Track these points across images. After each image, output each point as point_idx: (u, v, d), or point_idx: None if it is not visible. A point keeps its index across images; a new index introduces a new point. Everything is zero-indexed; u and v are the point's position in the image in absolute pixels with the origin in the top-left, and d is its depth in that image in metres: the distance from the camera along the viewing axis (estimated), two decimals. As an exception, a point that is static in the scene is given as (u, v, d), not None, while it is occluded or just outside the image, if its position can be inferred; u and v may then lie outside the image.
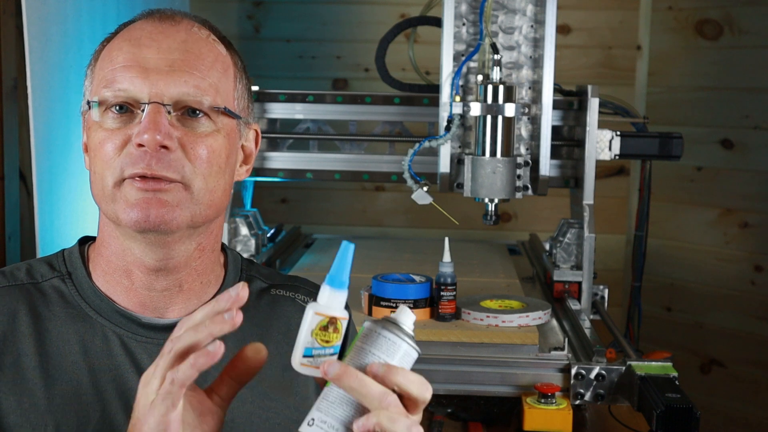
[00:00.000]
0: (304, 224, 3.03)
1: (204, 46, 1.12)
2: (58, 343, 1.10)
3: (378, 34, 2.42)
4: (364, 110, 2.36)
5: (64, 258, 1.17)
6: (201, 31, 1.13)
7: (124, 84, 1.07)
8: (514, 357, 1.77)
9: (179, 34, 1.11)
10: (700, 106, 2.99)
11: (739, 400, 2.90)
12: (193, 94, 1.08)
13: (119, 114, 1.08)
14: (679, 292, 3.05)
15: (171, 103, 1.07)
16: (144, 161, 1.05)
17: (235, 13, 3.23)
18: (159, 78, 1.07)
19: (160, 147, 1.05)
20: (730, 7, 2.89)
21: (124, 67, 1.08)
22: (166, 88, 1.07)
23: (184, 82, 1.08)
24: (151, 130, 1.05)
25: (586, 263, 2.09)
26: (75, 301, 1.13)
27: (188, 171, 1.07)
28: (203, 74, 1.10)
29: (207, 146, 1.09)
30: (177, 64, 1.08)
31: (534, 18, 2.12)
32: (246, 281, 1.22)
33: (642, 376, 1.63)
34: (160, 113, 1.06)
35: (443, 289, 1.84)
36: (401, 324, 0.97)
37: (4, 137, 2.12)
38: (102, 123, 1.09)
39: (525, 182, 2.14)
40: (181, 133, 1.07)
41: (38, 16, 1.84)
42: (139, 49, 1.09)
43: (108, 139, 1.08)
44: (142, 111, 1.07)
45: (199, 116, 1.09)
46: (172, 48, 1.09)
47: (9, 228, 2.14)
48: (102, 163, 1.08)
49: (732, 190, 2.92)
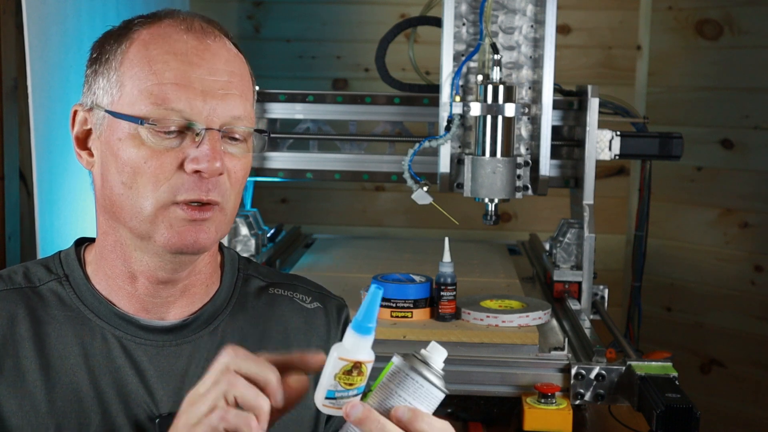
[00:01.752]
0: (304, 224, 3.03)
1: (240, 65, 1.12)
2: (57, 346, 1.09)
3: (378, 34, 2.42)
4: (364, 110, 2.36)
5: (61, 260, 1.16)
6: (232, 46, 1.13)
7: (180, 105, 1.04)
8: (514, 357, 1.77)
9: (222, 52, 1.09)
10: (700, 106, 2.99)
11: (739, 400, 2.90)
12: (240, 117, 1.08)
13: (167, 135, 1.05)
14: (679, 292, 3.05)
15: (221, 127, 1.07)
16: (201, 188, 1.05)
17: (235, 13, 3.23)
18: (216, 102, 1.06)
19: (218, 174, 1.06)
20: (730, 7, 2.89)
21: (176, 86, 1.05)
22: (222, 112, 1.06)
23: (234, 107, 1.07)
24: (212, 159, 1.04)
25: (586, 263, 2.09)
26: (73, 304, 1.12)
27: (227, 193, 1.08)
28: (246, 96, 1.10)
29: (242, 167, 1.10)
30: (227, 86, 1.07)
31: (534, 18, 2.12)
32: (244, 280, 1.22)
33: (642, 376, 1.63)
34: (219, 141, 1.06)
35: (443, 289, 1.83)
36: (431, 364, 0.94)
37: (4, 137, 2.12)
38: (146, 139, 1.05)
39: (525, 182, 2.14)
40: (227, 158, 1.08)
41: (38, 15, 1.84)
42: (191, 68, 1.06)
43: (155, 158, 1.05)
44: (196, 134, 1.05)
45: (239, 140, 1.09)
46: (221, 69, 1.08)
47: (9, 228, 2.14)
48: (146, 181, 1.05)
49: (732, 190, 2.92)
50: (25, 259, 2.24)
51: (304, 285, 1.28)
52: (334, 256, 2.49)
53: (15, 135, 2.15)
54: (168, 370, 1.11)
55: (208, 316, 1.16)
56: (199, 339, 1.14)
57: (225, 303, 1.18)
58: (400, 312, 1.83)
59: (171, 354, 1.12)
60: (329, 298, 1.28)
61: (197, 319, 1.14)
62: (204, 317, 1.15)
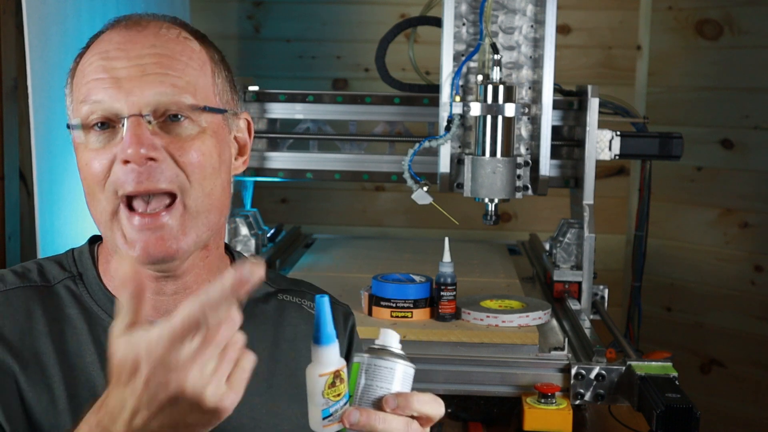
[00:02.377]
0: (304, 224, 3.03)
1: (175, 45, 1.09)
2: (74, 344, 1.09)
3: (378, 34, 2.42)
4: (364, 110, 2.36)
5: (74, 258, 1.16)
6: (170, 31, 1.10)
7: (99, 95, 1.05)
8: (514, 357, 1.77)
9: (147, 39, 1.07)
10: (700, 106, 2.99)
11: (739, 400, 2.90)
12: (171, 94, 1.05)
13: (101, 131, 1.05)
14: (679, 292, 3.05)
15: (150, 110, 1.04)
16: (133, 177, 1.03)
17: (235, 13, 3.23)
18: (133, 85, 1.04)
19: (147, 160, 1.02)
20: (730, 7, 2.89)
21: (95, 80, 1.05)
22: (141, 94, 1.04)
23: (159, 83, 1.05)
24: (134, 144, 1.02)
25: (586, 263, 2.09)
26: (86, 303, 1.12)
27: (182, 180, 1.05)
28: (178, 73, 1.06)
29: (196, 150, 1.06)
30: (149, 67, 1.05)
31: (534, 18, 2.12)
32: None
33: (642, 376, 1.63)
34: (141, 125, 1.03)
35: (443, 289, 1.84)
36: (389, 348, 0.98)
37: (4, 137, 2.12)
38: (87, 143, 1.06)
39: (525, 182, 2.14)
40: (167, 141, 1.04)
41: (38, 15, 1.84)
42: (109, 62, 1.06)
43: (94, 159, 1.05)
44: (122, 126, 1.04)
45: (182, 120, 1.06)
46: (142, 54, 1.06)
47: (9, 228, 2.14)
48: (93, 184, 1.06)
49: (732, 190, 2.92)
50: (25, 259, 2.24)
51: (311, 291, 1.28)
52: (334, 256, 2.49)
53: (15, 135, 2.15)
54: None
55: None
56: None
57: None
58: (400, 312, 1.83)
59: None
60: (336, 305, 1.28)
61: None
62: None
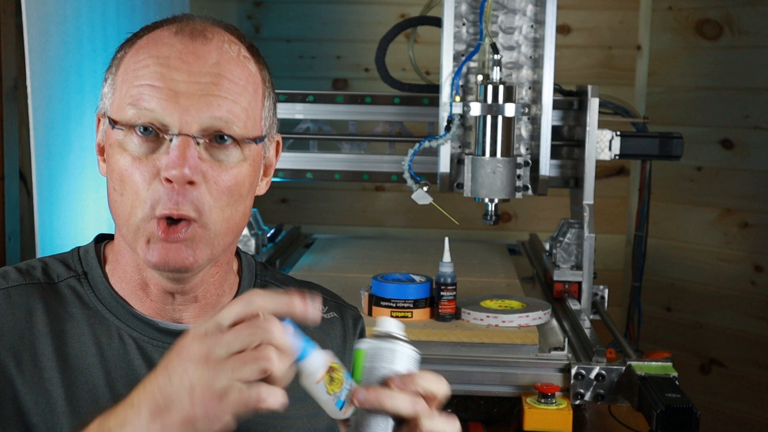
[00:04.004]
0: (304, 224, 3.03)
1: (236, 68, 1.07)
2: (75, 345, 1.08)
3: (378, 34, 2.42)
4: (364, 110, 2.36)
5: (80, 257, 1.15)
6: (232, 48, 1.08)
7: (152, 104, 1.02)
8: (514, 357, 1.77)
9: (211, 55, 1.05)
10: (700, 106, 2.99)
11: (739, 400, 2.90)
12: (225, 120, 1.03)
13: (144, 137, 1.03)
14: (679, 292, 3.05)
15: (200, 130, 1.03)
16: (172, 200, 1.02)
17: (235, 13, 3.23)
18: (190, 103, 1.02)
19: (187, 183, 1.02)
20: (730, 7, 2.89)
21: (151, 87, 1.03)
22: (197, 114, 1.02)
23: (216, 107, 1.03)
24: (180, 166, 1.00)
25: (586, 263, 2.09)
26: (91, 302, 1.11)
27: (206, 206, 1.04)
28: (235, 99, 1.05)
29: (231, 177, 1.05)
30: (209, 88, 1.03)
31: (534, 18, 2.12)
32: (261, 287, 1.21)
33: (642, 376, 1.63)
34: (190, 147, 1.02)
35: (443, 289, 1.84)
36: (393, 333, 0.98)
37: (4, 137, 2.12)
38: (125, 144, 1.04)
39: (525, 182, 2.14)
40: (208, 165, 1.04)
41: (38, 16, 1.84)
42: (169, 71, 1.03)
43: (135, 168, 1.03)
44: (170, 140, 1.02)
45: (227, 144, 1.05)
46: (204, 71, 1.04)
47: (9, 228, 2.14)
48: (132, 192, 1.04)
49: (732, 190, 2.92)
50: (25, 259, 2.24)
51: (321, 294, 1.26)
52: (334, 256, 2.49)
53: (15, 135, 2.15)
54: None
55: None
56: None
57: None
58: (400, 312, 1.83)
59: None
60: (345, 308, 1.27)
61: None
62: None
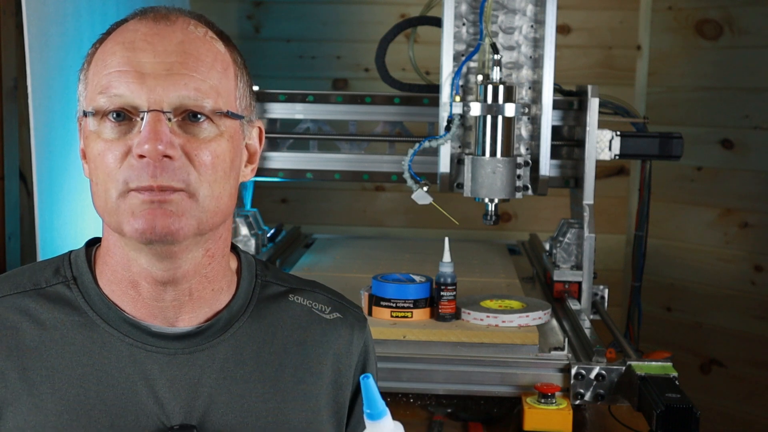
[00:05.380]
0: (304, 224, 3.03)
1: (202, 46, 1.07)
2: (64, 355, 1.07)
3: (378, 34, 2.42)
4: (364, 110, 2.36)
5: (71, 262, 1.13)
6: (198, 30, 1.08)
7: (120, 89, 1.03)
8: (514, 357, 1.77)
9: (175, 35, 1.06)
10: (700, 106, 2.99)
11: (739, 400, 2.90)
12: (194, 98, 1.04)
13: (117, 122, 1.03)
14: (679, 292, 3.05)
15: (171, 109, 1.03)
16: (147, 172, 1.01)
17: (235, 13, 3.23)
18: (157, 83, 1.02)
19: (163, 156, 1.01)
20: (730, 7, 2.89)
21: (119, 72, 1.03)
22: (164, 93, 1.02)
23: (183, 86, 1.03)
24: (152, 140, 1.00)
25: (586, 263, 2.09)
26: (81, 308, 1.09)
27: (193, 178, 1.03)
28: (203, 76, 1.05)
29: (211, 152, 1.05)
30: (175, 67, 1.03)
31: (534, 18, 2.12)
32: (262, 286, 1.19)
33: (642, 376, 1.63)
34: (161, 121, 1.02)
35: (443, 289, 1.84)
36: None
37: (4, 137, 2.12)
38: (100, 132, 1.04)
39: (525, 182, 2.14)
40: (184, 140, 1.03)
41: (38, 16, 1.84)
42: (134, 53, 1.04)
43: (108, 150, 1.03)
44: (141, 119, 1.02)
45: (201, 120, 1.05)
46: (169, 50, 1.04)
47: (9, 228, 2.14)
48: (104, 175, 1.04)
49: (732, 190, 2.92)
50: (25, 259, 2.24)
51: (323, 293, 1.24)
52: (334, 256, 2.49)
53: (15, 135, 2.15)
54: (180, 380, 1.08)
55: (224, 324, 1.12)
56: (214, 347, 1.10)
57: (242, 310, 1.14)
58: (400, 312, 1.83)
59: (183, 363, 1.08)
60: (348, 308, 1.25)
61: (212, 326, 1.11)
62: (220, 324, 1.12)
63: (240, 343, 1.12)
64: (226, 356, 1.11)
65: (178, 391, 1.07)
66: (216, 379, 1.09)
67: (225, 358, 1.10)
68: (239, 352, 1.12)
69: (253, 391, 1.11)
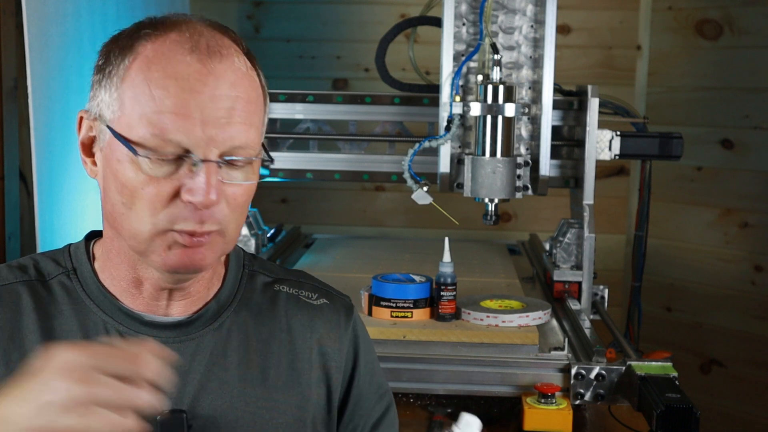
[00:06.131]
0: (304, 224, 3.03)
1: (249, 85, 1.07)
2: (62, 342, 1.08)
3: (378, 34, 2.42)
4: (364, 110, 2.36)
5: (70, 253, 1.17)
6: (240, 61, 1.07)
7: (178, 136, 1.01)
8: (514, 357, 1.77)
9: (227, 75, 1.04)
10: (700, 106, 2.99)
11: (739, 400, 2.90)
12: (244, 146, 1.04)
13: (167, 161, 1.02)
14: (679, 292, 3.05)
15: (221, 155, 1.03)
16: (196, 219, 1.02)
17: (235, 13, 3.23)
18: (217, 132, 1.02)
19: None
20: (730, 7, 2.89)
21: (175, 115, 1.01)
22: (222, 142, 1.02)
23: (235, 136, 1.03)
24: (207, 193, 1.01)
25: (586, 263, 2.09)
26: (79, 297, 1.12)
27: (226, 219, 1.05)
28: (252, 121, 1.06)
29: (245, 192, 1.07)
30: (230, 114, 1.03)
31: (534, 18, 2.12)
32: (249, 276, 1.22)
33: (642, 376, 1.63)
34: (215, 172, 1.02)
35: (443, 289, 1.84)
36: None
37: (4, 137, 2.12)
38: (140, 162, 1.02)
39: (525, 182, 2.14)
40: (226, 185, 1.05)
41: (38, 16, 1.84)
42: (191, 95, 1.02)
43: (152, 185, 1.02)
44: (193, 164, 1.02)
45: (241, 162, 1.05)
46: (223, 95, 1.03)
47: (9, 228, 2.14)
48: (144, 208, 1.03)
49: (732, 190, 2.92)
50: (25, 259, 2.24)
51: (310, 282, 1.28)
52: (334, 256, 2.49)
53: (15, 135, 2.15)
54: (170, 367, 1.11)
55: (213, 313, 1.16)
56: (203, 336, 1.14)
57: (229, 300, 1.18)
58: (400, 312, 1.83)
59: (173, 351, 1.10)
60: (335, 296, 1.28)
61: (201, 316, 1.14)
62: (209, 314, 1.15)
63: (228, 332, 1.16)
64: (215, 344, 1.14)
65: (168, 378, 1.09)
66: (206, 366, 1.13)
67: (214, 346, 1.14)
68: (227, 340, 1.15)
69: (241, 378, 1.14)
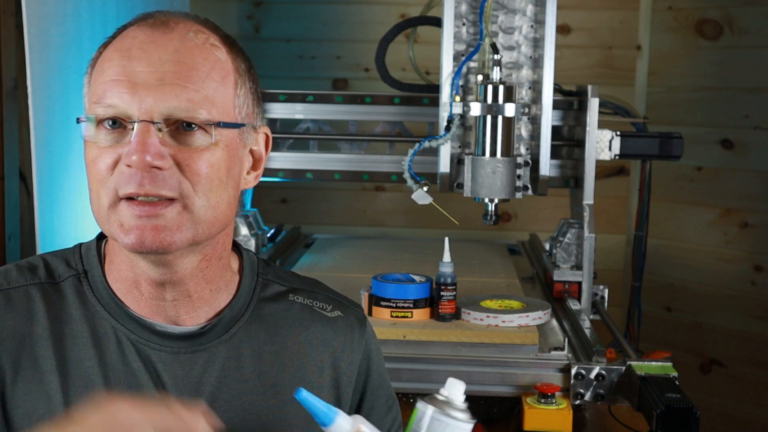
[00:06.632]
0: (304, 224, 3.03)
1: (199, 55, 1.06)
2: (74, 347, 1.08)
3: (378, 34, 2.42)
4: (364, 110, 2.36)
5: (81, 254, 1.15)
6: (197, 37, 1.07)
7: (113, 99, 1.03)
8: (514, 357, 1.77)
9: (172, 43, 1.05)
10: (700, 106, 2.99)
11: (739, 400, 2.90)
12: (185, 109, 1.03)
13: (112, 129, 1.04)
14: (679, 292, 3.05)
15: (162, 119, 1.03)
16: (135, 180, 1.02)
17: (235, 13, 3.23)
18: (148, 93, 1.02)
19: (151, 168, 1.02)
20: (730, 7, 2.89)
21: (113, 81, 1.04)
22: (155, 103, 1.02)
23: (174, 96, 1.03)
24: (140, 151, 1.01)
25: (586, 263, 2.09)
26: (90, 302, 1.11)
27: (186, 188, 1.03)
28: (197, 86, 1.04)
29: (204, 161, 1.04)
30: (167, 76, 1.03)
31: (534, 18, 2.12)
32: (263, 285, 1.20)
33: (642, 376, 1.63)
34: (149, 132, 1.02)
35: (443, 289, 1.83)
36: (453, 401, 1.01)
37: (4, 137, 2.12)
38: (95, 139, 1.05)
39: (525, 182, 2.14)
40: (175, 150, 1.03)
41: (38, 16, 1.84)
42: (129, 62, 1.04)
43: (100, 157, 1.04)
44: (132, 129, 1.03)
45: (194, 130, 1.04)
46: (163, 59, 1.04)
47: (9, 228, 2.14)
48: (96, 181, 1.05)
49: (732, 190, 2.92)
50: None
51: (324, 292, 1.25)
52: (334, 256, 2.49)
53: (15, 135, 2.15)
54: (182, 378, 1.10)
55: (226, 324, 1.13)
56: (215, 347, 1.12)
57: (243, 310, 1.16)
58: (400, 312, 1.83)
59: (186, 361, 1.10)
60: (349, 307, 1.25)
61: (215, 326, 1.12)
62: (222, 325, 1.13)
63: (241, 343, 1.14)
64: (228, 356, 1.12)
65: (180, 389, 1.09)
66: (217, 378, 1.11)
67: (226, 358, 1.12)
68: (240, 351, 1.13)
69: (253, 390, 1.13)
